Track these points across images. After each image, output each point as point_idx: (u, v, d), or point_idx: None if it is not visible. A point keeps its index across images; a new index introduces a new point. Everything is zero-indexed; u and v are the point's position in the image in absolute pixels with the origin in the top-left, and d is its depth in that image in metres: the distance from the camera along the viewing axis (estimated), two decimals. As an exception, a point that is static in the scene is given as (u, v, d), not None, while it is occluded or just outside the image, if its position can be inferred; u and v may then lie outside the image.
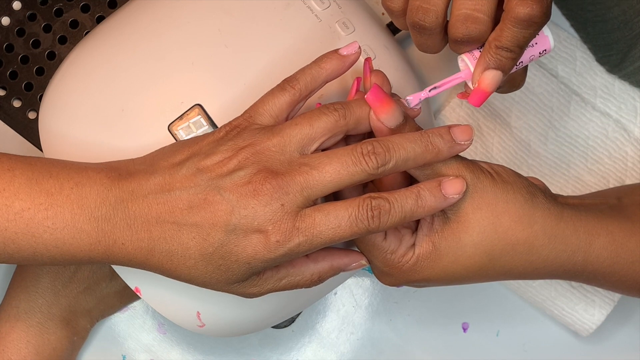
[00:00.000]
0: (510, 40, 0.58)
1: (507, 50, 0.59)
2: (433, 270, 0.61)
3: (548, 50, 0.62)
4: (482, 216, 0.60)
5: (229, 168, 0.57)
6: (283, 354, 0.84)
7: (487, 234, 0.60)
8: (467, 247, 0.60)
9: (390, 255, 0.61)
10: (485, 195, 0.60)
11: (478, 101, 0.60)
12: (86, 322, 0.78)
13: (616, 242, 0.64)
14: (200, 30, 0.65)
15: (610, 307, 0.81)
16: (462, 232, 0.60)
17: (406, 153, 0.57)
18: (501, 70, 0.59)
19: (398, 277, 0.62)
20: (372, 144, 0.57)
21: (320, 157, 0.57)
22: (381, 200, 0.57)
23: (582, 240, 0.63)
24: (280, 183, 0.56)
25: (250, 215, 0.56)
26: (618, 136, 0.81)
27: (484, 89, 0.60)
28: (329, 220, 0.56)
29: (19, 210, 0.57)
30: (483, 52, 0.60)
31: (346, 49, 0.61)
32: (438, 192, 0.58)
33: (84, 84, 0.66)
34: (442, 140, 0.58)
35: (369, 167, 0.57)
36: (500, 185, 0.61)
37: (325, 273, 0.61)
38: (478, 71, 0.60)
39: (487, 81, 0.60)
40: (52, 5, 0.81)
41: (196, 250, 0.57)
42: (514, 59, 0.59)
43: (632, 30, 0.78)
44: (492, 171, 0.61)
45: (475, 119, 0.83)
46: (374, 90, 0.58)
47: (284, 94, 0.59)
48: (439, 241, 0.60)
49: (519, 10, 0.57)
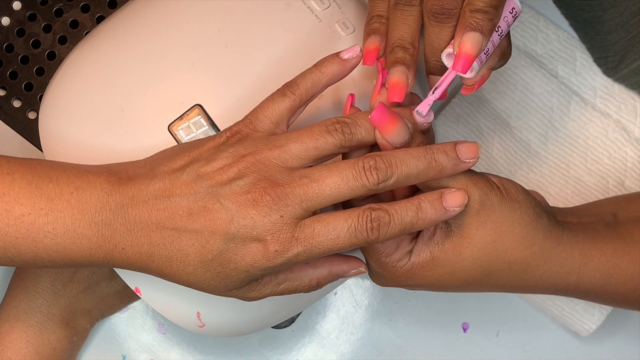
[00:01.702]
0: (482, 1, 0.59)
1: (482, 12, 0.59)
2: (426, 279, 0.61)
3: (517, 10, 0.62)
4: (485, 233, 0.60)
5: (229, 176, 0.57)
6: (283, 354, 0.84)
7: (487, 251, 0.60)
8: (466, 261, 0.60)
9: (384, 258, 0.60)
10: (492, 213, 0.59)
11: (463, 67, 0.59)
12: (86, 322, 0.78)
13: (609, 263, 0.63)
14: (200, 30, 0.65)
15: (610, 307, 0.81)
16: (464, 247, 0.60)
17: (408, 170, 0.57)
18: (479, 32, 0.59)
19: (390, 280, 0.62)
20: (375, 159, 0.56)
21: (321, 170, 0.57)
22: (381, 212, 0.57)
23: (577, 262, 0.63)
24: (280, 194, 0.56)
25: (249, 225, 0.56)
26: (618, 136, 0.81)
27: (466, 52, 0.59)
28: (328, 231, 0.56)
29: (19, 215, 0.57)
30: (460, 20, 0.60)
31: (347, 52, 0.60)
32: (439, 204, 0.58)
33: (84, 84, 0.65)
34: (446, 157, 0.58)
35: (369, 183, 0.56)
36: (507, 204, 0.60)
37: (324, 279, 0.61)
38: (458, 37, 0.60)
39: (468, 43, 0.59)
40: (52, 5, 0.81)
41: (195, 256, 0.57)
42: (491, 19, 0.59)
43: (628, 32, 0.78)
44: (501, 187, 0.61)
45: (475, 119, 0.83)
46: (379, 110, 0.57)
47: (284, 100, 0.59)
48: (438, 253, 0.60)
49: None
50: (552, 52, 0.82)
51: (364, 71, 0.65)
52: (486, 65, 0.63)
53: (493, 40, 0.61)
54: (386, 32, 0.63)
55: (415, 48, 0.62)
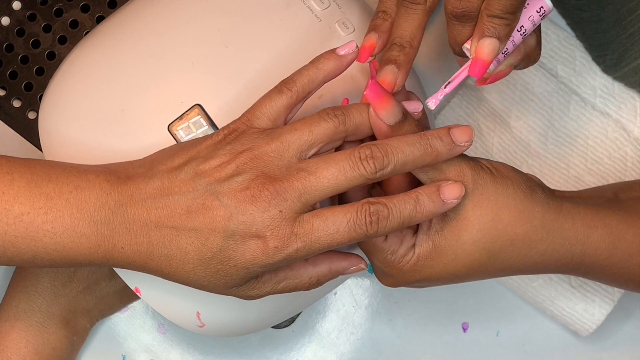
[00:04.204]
0: (498, 7, 0.59)
1: (498, 18, 0.59)
2: (433, 270, 0.61)
3: (547, 9, 0.62)
4: (482, 213, 0.60)
5: (227, 173, 0.57)
6: (283, 354, 0.84)
7: (486, 231, 0.60)
8: (467, 244, 0.60)
9: (390, 256, 0.61)
10: (485, 191, 0.60)
11: (478, 72, 0.60)
12: (86, 322, 0.78)
13: (613, 234, 0.64)
14: (200, 30, 0.65)
15: (610, 307, 0.81)
16: (462, 230, 0.60)
17: (404, 156, 0.57)
18: (497, 38, 0.59)
19: (399, 278, 0.62)
20: (370, 148, 0.57)
21: (318, 162, 0.57)
22: (379, 205, 0.57)
23: (580, 232, 0.63)
24: (278, 189, 0.56)
25: (249, 221, 0.56)
26: (618, 136, 0.81)
27: (482, 57, 0.60)
28: (327, 226, 0.56)
29: (18, 214, 0.57)
30: (477, 24, 0.60)
31: (343, 48, 0.61)
32: (437, 197, 0.58)
33: (83, 84, 0.65)
34: (441, 142, 0.58)
35: (367, 172, 0.57)
36: (500, 181, 0.61)
37: (324, 276, 0.61)
38: (475, 41, 0.60)
39: (484, 49, 0.60)
40: (52, 5, 0.81)
41: (194, 254, 0.57)
42: (508, 25, 0.59)
43: (625, 30, 0.78)
44: (491, 167, 0.61)
45: (475, 119, 0.83)
46: (373, 87, 0.58)
47: (281, 97, 0.59)
48: (439, 240, 0.60)
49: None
50: (552, 51, 0.82)
51: (363, 68, 0.65)
52: (506, 62, 0.63)
53: (514, 40, 0.61)
54: (388, 29, 0.63)
55: (413, 47, 0.62)
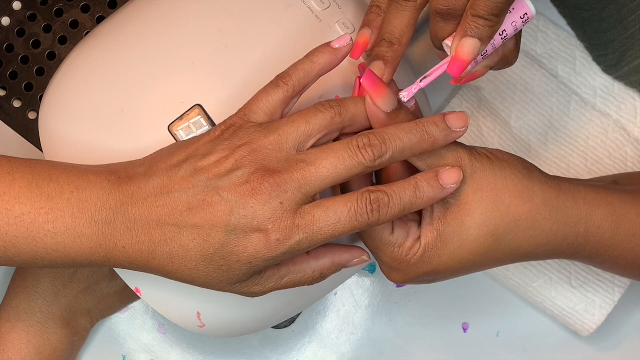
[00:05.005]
0: (484, 8, 0.59)
1: (482, 19, 0.59)
2: (440, 259, 0.61)
3: (530, 15, 0.62)
4: (482, 196, 0.60)
5: (226, 167, 0.57)
6: (283, 354, 0.84)
7: (489, 214, 0.61)
8: (471, 229, 0.60)
9: (397, 249, 0.61)
10: (483, 175, 0.60)
11: (456, 70, 0.60)
12: (86, 322, 0.78)
13: (616, 212, 0.64)
14: (200, 30, 0.65)
15: (610, 307, 0.81)
16: (464, 215, 0.60)
17: (402, 143, 0.58)
18: (478, 39, 0.60)
19: (407, 272, 0.62)
20: (368, 137, 0.57)
21: (316, 153, 0.57)
22: (379, 193, 0.57)
23: (582, 210, 0.63)
24: (278, 181, 0.56)
25: (250, 214, 0.56)
26: (618, 136, 0.81)
27: (461, 57, 0.60)
28: (328, 215, 0.57)
29: (19, 214, 0.57)
30: (461, 22, 0.60)
31: (338, 41, 0.61)
32: (435, 182, 0.59)
33: (83, 84, 0.65)
34: (437, 128, 0.59)
35: (365, 160, 0.57)
36: (497, 164, 0.61)
37: (327, 269, 0.61)
38: (456, 40, 0.60)
39: (464, 49, 0.60)
40: (52, 5, 0.81)
41: (197, 251, 0.57)
42: (491, 27, 0.59)
43: (626, 30, 0.78)
44: (488, 152, 0.62)
45: (475, 119, 0.83)
46: (369, 75, 0.59)
47: (277, 91, 0.59)
48: (443, 227, 0.60)
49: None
50: (552, 51, 0.82)
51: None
52: (482, 63, 0.63)
53: (494, 43, 0.61)
54: (381, 25, 0.63)
55: (401, 44, 0.62)
